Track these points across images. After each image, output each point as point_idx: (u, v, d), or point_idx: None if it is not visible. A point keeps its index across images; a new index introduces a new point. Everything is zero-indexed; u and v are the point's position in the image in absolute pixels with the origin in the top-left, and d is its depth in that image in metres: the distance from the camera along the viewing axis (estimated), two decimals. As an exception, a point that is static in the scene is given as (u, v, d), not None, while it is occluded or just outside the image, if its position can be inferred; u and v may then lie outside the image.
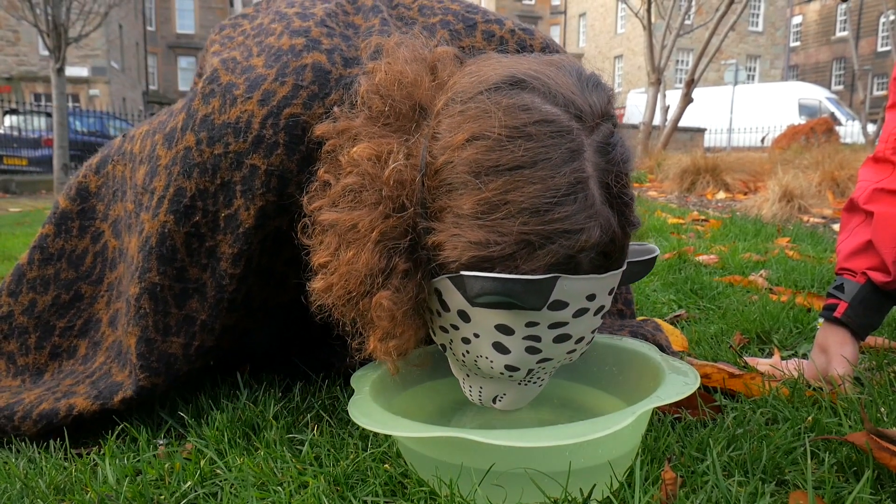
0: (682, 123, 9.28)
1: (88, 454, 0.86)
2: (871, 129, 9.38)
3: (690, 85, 7.85)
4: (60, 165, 7.74)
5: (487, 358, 0.71)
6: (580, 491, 0.66)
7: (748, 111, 15.87)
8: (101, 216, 1.05)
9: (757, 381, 0.98)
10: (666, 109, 9.37)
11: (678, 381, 0.74)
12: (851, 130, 12.86)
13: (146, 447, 0.85)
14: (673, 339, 1.22)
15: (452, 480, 0.67)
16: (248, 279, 0.89)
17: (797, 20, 30.60)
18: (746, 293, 1.68)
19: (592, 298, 0.67)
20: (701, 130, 11.56)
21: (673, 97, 10.30)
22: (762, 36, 27.87)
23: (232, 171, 0.83)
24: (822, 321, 1.09)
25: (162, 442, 0.88)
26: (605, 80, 0.71)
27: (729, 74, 15.37)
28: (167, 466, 0.78)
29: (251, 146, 0.81)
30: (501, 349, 0.69)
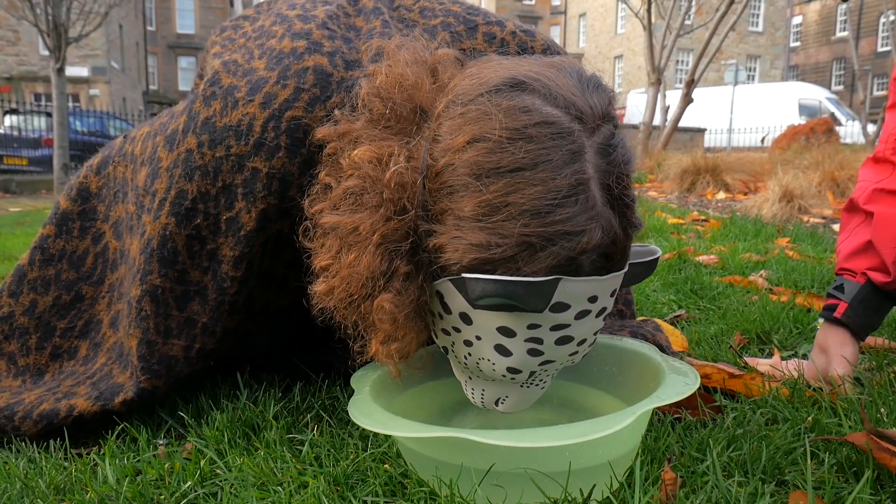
0: (682, 124, 9.27)
1: (88, 454, 0.86)
2: (871, 129, 9.38)
3: (690, 85, 7.84)
4: (60, 165, 7.75)
5: (489, 360, 0.71)
6: (580, 491, 0.66)
7: (748, 111, 15.86)
8: (102, 217, 1.05)
9: (757, 381, 0.98)
10: (666, 109, 9.36)
11: (678, 381, 0.74)
12: (851, 131, 12.86)
13: (146, 447, 0.85)
14: (673, 339, 1.22)
15: (452, 481, 0.68)
16: (249, 282, 0.89)
17: (797, 20, 30.59)
18: (746, 293, 1.68)
19: (594, 300, 0.67)
20: (701, 131, 11.54)
21: (673, 97, 10.29)
22: (762, 36, 27.86)
23: (233, 173, 0.83)
24: (821, 321, 1.09)
25: (162, 442, 0.88)
26: (605, 81, 0.71)
27: (729, 74, 15.35)
28: (167, 466, 0.78)
29: (253, 149, 0.81)
30: (503, 351, 0.69)
